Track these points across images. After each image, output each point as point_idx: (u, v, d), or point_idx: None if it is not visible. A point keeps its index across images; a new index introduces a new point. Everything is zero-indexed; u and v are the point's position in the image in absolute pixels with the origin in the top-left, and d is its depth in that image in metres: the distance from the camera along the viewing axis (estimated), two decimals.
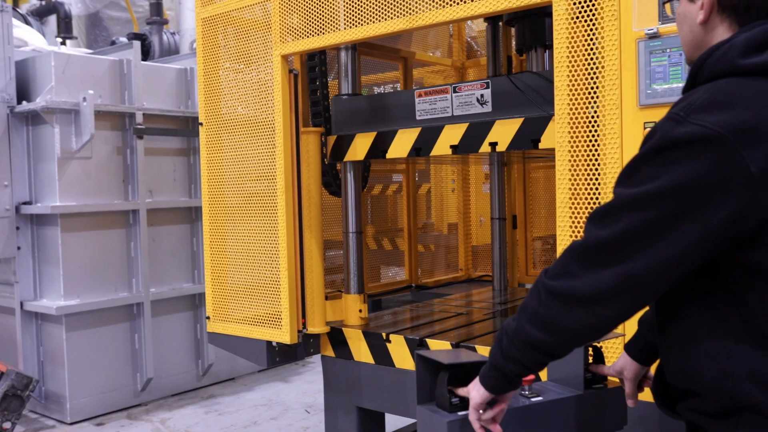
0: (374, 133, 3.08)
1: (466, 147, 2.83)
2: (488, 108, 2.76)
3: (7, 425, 4.91)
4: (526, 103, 2.66)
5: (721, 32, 1.41)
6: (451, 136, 2.85)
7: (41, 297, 5.34)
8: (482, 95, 2.77)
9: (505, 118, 2.71)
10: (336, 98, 3.27)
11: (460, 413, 1.70)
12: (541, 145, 2.60)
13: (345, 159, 3.20)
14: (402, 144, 3.00)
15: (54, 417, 5.31)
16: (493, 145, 2.74)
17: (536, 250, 4.58)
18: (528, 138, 2.65)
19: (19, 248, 5.28)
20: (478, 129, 2.79)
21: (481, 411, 1.63)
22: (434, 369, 1.78)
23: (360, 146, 3.13)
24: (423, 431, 1.78)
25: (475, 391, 1.61)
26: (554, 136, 2.35)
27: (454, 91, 2.85)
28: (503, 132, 2.72)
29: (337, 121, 3.25)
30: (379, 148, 3.07)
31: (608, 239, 1.35)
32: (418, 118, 2.97)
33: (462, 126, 2.82)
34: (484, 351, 2.64)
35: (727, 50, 1.35)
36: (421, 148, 2.95)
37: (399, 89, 4.38)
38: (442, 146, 2.88)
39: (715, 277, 1.36)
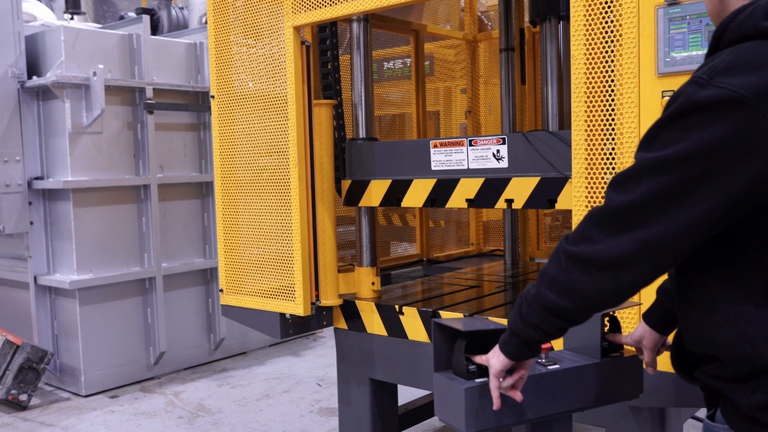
0: (389, 181, 3.10)
1: (482, 201, 2.82)
2: (504, 164, 2.75)
3: (23, 397, 4.98)
4: (541, 160, 2.65)
5: (735, 0, 1.40)
6: (467, 189, 2.85)
7: (54, 271, 5.38)
8: (498, 150, 2.76)
9: (522, 176, 2.70)
10: (350, 142, 3.28)
11: (477, 380, 1.70)
12: (557, 206, 2.59)
13: (360, 204, 3.23)
14: (417, 194, 3.01)
15: (69, 389, 5.37)
16: (509, 201, 2.73)
17: (547, 224, 4.57)
18: (544, 197, 2.63)
19: (32, 223, 5.31)
20: (494, 184, 2.78)
21: (500, 379, 1.63)
22: (451, 337, 1.78)
23: (375, 193, 3.15)
24: (440, 398, 1.79)
25: (495, 359, 1.62)
26: (571, 197, 2.33)
27: (470, 145, 2.84)
28: (519, 189, 2.70)
29: (352, 166, 3.25)
30: (394, 196, 3.09)
31: (629, 204, 1.34)
32: (433, 168, 2.96)
33: (478, 180, 2.82)
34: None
35: (751, 13, 1.33)
36: (437, 199, 2.95)
37: (409, 63, 4.35)
38: (458, 199, 2.87)
39: (733, 242, 1.36)
